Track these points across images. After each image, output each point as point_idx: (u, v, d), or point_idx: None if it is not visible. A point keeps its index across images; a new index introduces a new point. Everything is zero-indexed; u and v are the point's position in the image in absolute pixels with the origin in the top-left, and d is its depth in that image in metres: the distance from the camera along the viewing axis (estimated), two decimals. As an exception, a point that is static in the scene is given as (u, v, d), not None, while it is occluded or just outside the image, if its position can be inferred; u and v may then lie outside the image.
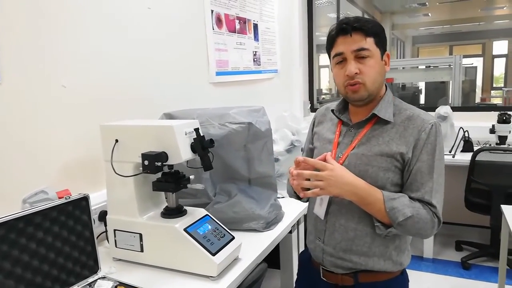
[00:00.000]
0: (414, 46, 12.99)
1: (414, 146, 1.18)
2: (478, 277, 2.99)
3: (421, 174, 1.17)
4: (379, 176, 1.19)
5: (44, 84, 1.45)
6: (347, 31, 1.17)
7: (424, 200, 1.16)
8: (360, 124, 1.26)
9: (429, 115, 1.23)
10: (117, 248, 1.40)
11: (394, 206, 1.13)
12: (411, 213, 1.13)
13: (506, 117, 3.09)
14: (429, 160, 1.17)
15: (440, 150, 1.19)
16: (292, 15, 3.61)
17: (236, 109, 1.69)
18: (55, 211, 1.16)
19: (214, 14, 2.41)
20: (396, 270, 1.26)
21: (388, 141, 1.20)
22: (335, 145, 1.28)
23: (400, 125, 1.21)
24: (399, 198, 1.15)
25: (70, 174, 1.55)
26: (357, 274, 1.25)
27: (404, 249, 1.28)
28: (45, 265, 1.12)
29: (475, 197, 3.03)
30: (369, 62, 1.18)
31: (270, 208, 1.68)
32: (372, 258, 1.22)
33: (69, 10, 1.54)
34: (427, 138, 1.17)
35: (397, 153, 1.18)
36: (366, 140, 1.23)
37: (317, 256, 1.32)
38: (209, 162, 1.32)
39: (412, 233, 1.18)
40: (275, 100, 3.28)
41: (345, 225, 1.23)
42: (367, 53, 1.17)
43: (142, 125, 1.35)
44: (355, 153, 1.23)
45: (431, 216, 1.15)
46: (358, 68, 1.17)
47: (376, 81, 1.20)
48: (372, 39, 1.18)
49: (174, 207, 1.37)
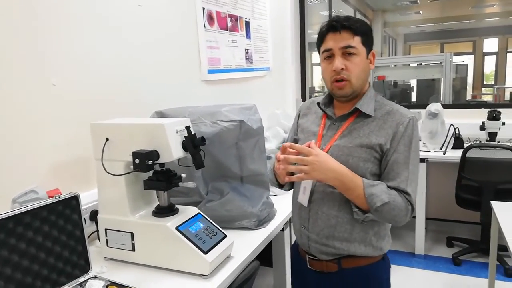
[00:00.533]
0: (405, 43, 13.06)
1: (392, 138, 1.26)
2: (468, 273, 3.02)
3: (398, 164, 1.25)
4: (359, 166, 1.26)
5: (34, 82, 1.44)
6: (337, 29, 1.25)
7: (399, 188, 1.24)
8: (343, 117, 1.34)
9: (407, 111, 1.31)
10: (108, 248, 1.39)
11: (372, 192, 1.21)
12: (387, 199, 1.20)
13: (496, 114, 3.13)
14: (406, 151, 1.25)
15: (416, 143, 1.28)
16: (284, 13, 3.61)
17: (228, 107, 1.69)
18: (45, 211, 1.15)
19: (205, 11, 2.40)
20: (376, 255, 1.34)
21: (368, 133, 1.28)
22: (319, 137, 1.36)
23: (380, 119, 1.29)
24: (378, 185, 1.23)
25: (60, 173, 1.54)
26: (340, 260, 1.33)
27: (384, 235, 1.36)
28: (35, 265, 1.11)
29: (465, 194, 3.06)
30: (355, 59, 1.26)
31: (263, 206, 1.68)
32: (353, 243, 1.30)
33: (59, 9, 1.52)
34: (404, 131, 1.26)
35: (376, 144, 1.26)
36: (348, 132, 1.31)
37: (304, 243, 1.39)
38: (200, 160, 1.32)
39: (387, 219, 1.25)
40: (268, 98, 3.28)
41: (327, 213, 1.31)
42: (354, 50, 1.25)
43: (132, 124, 1.34)
44: (337, 144, 1.31)
45: (406, 204, 1.23)
46: (344, 64, 1.25)
47: (360, 78, 1.29)
48: (359, 38, 1.26)
49: (165, 206, 1.37)
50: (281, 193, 2.01)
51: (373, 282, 1.36)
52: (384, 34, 10.63)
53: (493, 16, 11.11)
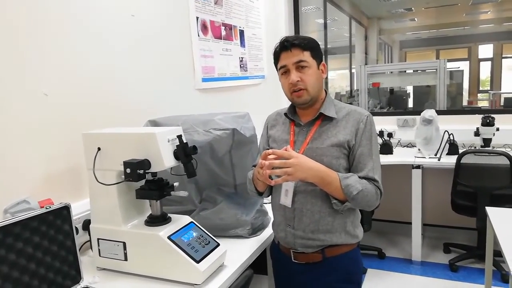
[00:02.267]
0: (401, 50, 13.14)
1: (356, 134, 1.42)
2: (466, 279, 3.02)
3: (363, 156, 1.41)
4: (332, 164, 1.40)
5: (26, 92, 1.44)
6: (288, 47, 1.43)
7: (368, 177, 1.40)
8: (310, 123, 1.49)
9: (363, 110, 1.50)
10: (101, 257, 1.39)
11: (348, 183, 1.36)
12: (361, 187, 1.36)
13: (490, 120, 3.14)
14: (368, 144, 1.42)
15: (375, 136, 1.47)
16: (279, 21, 3.63)
17: (221, 115, 1.69)
18: (35, 221, 1.14)
19: (199, 21, 2.42)
20: (354, 242, 1.49)
21: (336, 133, 1.43)
22: (291, 143, 1.49)
23: (342, 120, 1.46)
24: (351, 176, 1.38)
25: (53, 183, 1.54)
26: (324, 250, 1.45)
27: (357, 224, 1.52)
28: (26, 276, 1.11)
29: (461, 200, 3.06)
30: (307, 71, 1.43)
31: (256, 214, 1.68)
32: (335, 233, 1.44)
33: (51, 18, 1.53)
34: (364, 127, 1.43)
35: (344, 141, 1.41)
36: (318, 135, 1.45)
37: (289, 242, 1.49)
38: (192, 169, 1.32)
39: (362, 205, 1.40)
40: (262, 106, 3.28)
41: (311, 209, 1.43)
42: (305, 64, 1.42)
43: (124, 133, 1.35)
44: (310, 147, 1.44)
45: (375, 189, 1.40)
46: (299, 77, 1.42)
47: (315, 86, 1.44)
48: (308, 53, 1.43)
49: (158, 215, 1.37)
50: (275, 201, 2.01)
51: (352, 266, 1.51)
52: (379, 41, 10.70)
53: (488, 23, 11.20)
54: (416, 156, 3.24)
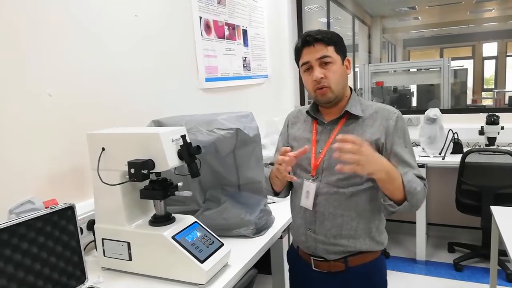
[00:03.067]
0: (405, 49, 13.11)
1: (386, 132, 1.33)
2: (470, 278, 3.00)
3: (400, 153, 1.32)
4: None
5: (30, 93, 1.45)
6: (310, 43, 1.34)
7: (416, 175, 1.30)
8: (334, 122, 1.40)
9: (391, 107, 1.40)
10: (105, 257, 1.39)
11: (409, 179, 1.25)
12: (422, 183, 1.29)
13: (494, 118, 3.12)
14: (402, 142, 1.33)
15: (408, 134, 1.37)
16: (282, 21, 3.63)
17: (224, 115, 1.69)
18: (40, 222, 1.15)
19: (202, 20, 2.42)
20: (378, 249, 1.41)
21: (362, 132, 1.34)
22: (314, 142, 1.41)
23: (369, 118, 1.37)
24: (407, 172, 1.28)
25: (57, 183, 1.54)
26: (347, 259, 1.37)
27: (382, 230, 1.43)
28: (31, 276, 1.11)
29: (465, 199, 3.05)
30: (332, 67, 1.34)
31: (260, 213, 1.68)
32: (359, 239, 1.36)
33: (54, 18, 1.53)
34: (395, 124, 1.34)
35: (372, 140, 1.31)
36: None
37: (309, 246, 1.41)
38: (196, 169, 1.32)
39: (416, 205, 1.27)
40: (266, 105, 3.29)
41: (334, 213, 1.35)
42: (329, 59, 1.33)
43: (128, 133, 1.35)
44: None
45: (424, 187, 1.31)
46: (323, 73, 1.33)
47: (339, 83, 1.36)
48: (332, 48, 1.34)
49: (162, 215, 1.37)
50: (279, 200, 2.00)
51: (377, 276, 1.44)
52: (383, 40, 10.68)
53: (492, 21, 11.16)
54: (420, 155, 3.22)
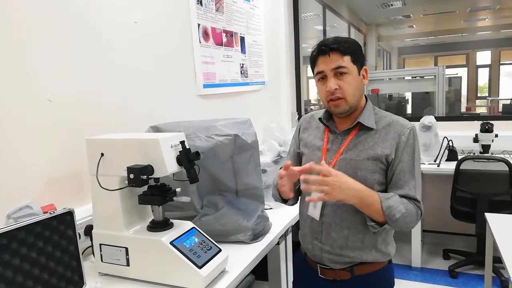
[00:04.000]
0: (400, 57, 13.20)
1: (396, 148, 1.32)
2: (465, 285, 3.02)
3: (404, 173, 1.31)
4: (367, 178, 1.31)
5: (29, 98, 1.45)
6: (326, 52, 1.31)
7: (409, 196, 1.30)
8: (346, 132, 1.38)
9: (406, 121, 1.37)
10: (103, 263, 1.39)
11: (390, 205, 1.25)
12: (405, 210, 1.26)
13: (489, 126, 3.16)
14: (410, 160, 1.32)
15: (418, 152, 1.35)
16: (279, 28, 3.66)
17: (222, 121, 1.70)
18: (39, 226, 1.15)
19: (201, 27, 2.44)
20: (385, 260, 1.41)
21: (373, 145, 1.33)
22: (324, 151, 1.40)
23: (382, 131, 1.35)
24: (392, 197, 1.28)
25: (55, 188, 1.54)
26: (353, 268, 1.38)
27: (390, 241, 1.43)
28: (29, 281, 1.11)
29: (460, 206, 3.07)
30: (347, 78, 1.31)
31: (258, 219, 1.68)
32: (365, 251, 1.36)
33: (54, 23, 1.54)
34: (406, 141, 1.32)
35: (382, 155, 1.31)
36: (353, 146, 1.35)
37: (316, 255, 1.43)
38: (195, 175, 1.33)
39: (401, 227, 1.29)
40: (263, 112, 3.30)
41: (340, 224, 1.35)
42: (345, 70, 1.30)
43: (127, 139, 1.36)
44: (344, 158, 1.35)
45: (416, 210, 1.31)
46: (337, 84, 1.30)
47: (355, 95, 1.33)
48: (349, 58, 1.30)
49: (160, 220, 1.37)
50: (276, 207, 2.02)
51: (382, 285, 1.44)
52: (378, 48, 10.75)
53: (485, 30, 11.27)
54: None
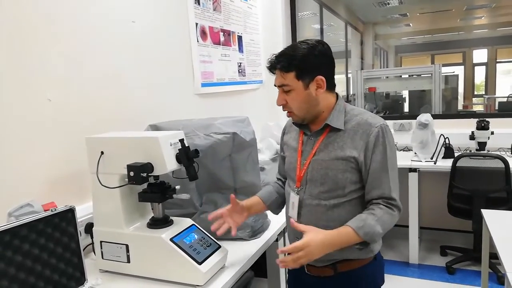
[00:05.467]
0: (397, 55, 13.25)
1: (366, 149, 1.32)
2: (462, 281, 3.04)
3: (377, 173, 1.32)
4: (338, 178, 1.33)
5: (30, 97, 1.46)
6: (271, 70, 1.36)
7: (384, 196, 1.31)
8: (317, 133, 1.40)
9: (376, 118, 1.36)
10: (103, 260, 1.40)
11: (366, 232, 1.25)
12: (381, 228, 1.27)
13: (485, 123, 3.18)
14: (382, 159, 1.32)
15: (391, 147, 1.34)
16: (276, 27, 3.67)
17: (221, 120, 1.72)
18: (41, 224, 1.17)
19: (198, 27, 2.45)
20: (368, 257, 1.41)
21: (342, 146, 1.34)
22: (299, 153, 1.43)
23: (350, 131, 1.35)
24: (365, 221, 1.26)
25: (56, 186, 1.55)
26: (335, 265, 1.39)
27: None
28: (32, 277, 1.13)
29: (457, 202, 3.09)
30: (291, 94, 1.34)
31: (256, 216, 1.70)
32: (346, 249, 1.31)
33: (53, 23, 1.55)
34: (376, 140, 1.31)
35: (350, 157, 1.32)
36: (324, 147, 1.38)
37: None
38: (194, 172, 1.34)
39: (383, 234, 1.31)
40: (261, 110, 3.32)
41: (317, 224, 1.32)
42: (288, 88, 1.33)
43: (127, 137, 1.37)
44: (316, 159, 1.38)
45: (391, 213, 1.31)
46: (284, 99, 1.36)
47: (302, 108, 1.36)
48: (292, 74, 1.31)
49: (160, 218, 1.39)
50: (274, 204, 2.03)
51: (366, 282, 1.44)
52: (375, 46, 10.79)
53: (482, 28, 11.34)
54: (413, 159, 3.27)
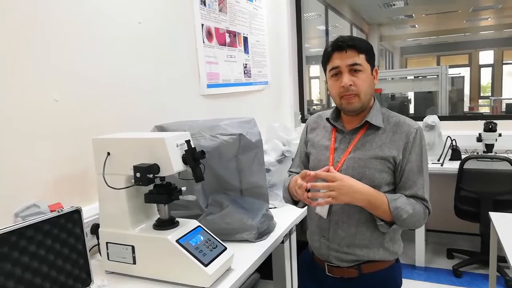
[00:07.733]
0: (402, 57, 13.20)
1: (404, 149, 1.33)
2: (469, 285, 3.01)
3: (413, 173, 1.33)
4: (375, 177, 1.33)
5: (36, 97, 1.46)
6: (343, 48, 1.32)
7: (417, 196, 1.33)
8: (354, 131, 1.40)
9: (412, 121, 1.39)
10: (109, 261, 1.40)
11: (397, 206, 1.28)
12: (412, 210, 1.29)
13: (492, 125, 3.15)
14: (418, 160, 1.34)
15: (425, 151, 1.38)
16: (282, 28, 3.66)
17: (227, 121, 1.71)
18: (47, 224, 1.16)
19: (204, 28, 2.45)
20: (392, 258, 1.43)
21: (381, 145, 1.35)
22: (332, 150, 1.41)
23: (389, 131, 1.36)
24: (399, 198, 1.31)
25: (62, 187, 1.55)
26: (360, 266, 1.39)
27: (397, 240, 1.45)
28: (38, 278, 1.12)
29: (464, 205, 3.07)
30: (361, 75, 1.33)
31: (262, 218, 1.69)
32: (372, 249, 1.37)
33: (60, 24, 1.55)
34: (414, 141, 1.34)
35: (389, 156, 1.33)
36: (360, 145, 1.37)
37: (323, 253, 1.44)
38: (200, 174, 1.34)
39: (409, 226, 1.34)
40: (266, 111, 3.31)
41: (348, 222, 1.36)
42: (360, 67, 1.32)
43: (133, 138, 1.37)
44: (352, 157, 1.36)
45: (424, 209, 1.34)
46: (352, 81, 1.32)
47: (367, 93, 1.35)
48: (364, 56, 1.33)
49: (166, 219, 1.38)
50: (280, 206, 2.03)
51: (390, 283, 1.46)
52: (380, 48, 10.77)
53: (488, 29, 11.26)
54: (419, 161, 3.24)
